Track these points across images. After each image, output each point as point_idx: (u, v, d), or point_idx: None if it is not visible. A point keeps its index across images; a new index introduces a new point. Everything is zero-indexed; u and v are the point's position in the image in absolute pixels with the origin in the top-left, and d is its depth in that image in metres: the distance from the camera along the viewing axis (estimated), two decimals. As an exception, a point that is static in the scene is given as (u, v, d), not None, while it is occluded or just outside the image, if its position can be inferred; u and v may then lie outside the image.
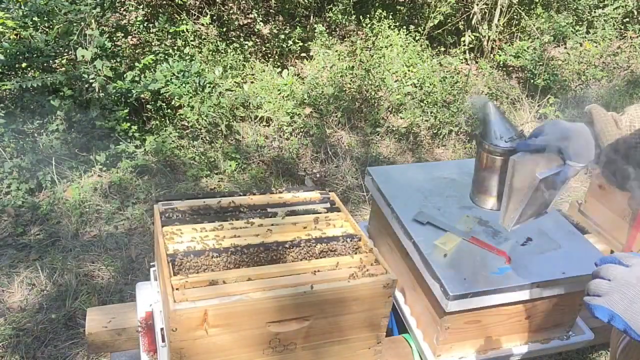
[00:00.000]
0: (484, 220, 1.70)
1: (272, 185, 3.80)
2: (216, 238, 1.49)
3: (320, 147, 4.21)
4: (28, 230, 3.21)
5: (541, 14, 5.99)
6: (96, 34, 3.77)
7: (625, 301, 0.87)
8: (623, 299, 0.88)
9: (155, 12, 4.97)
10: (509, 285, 1.47)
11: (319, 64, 5.04)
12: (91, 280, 2.91)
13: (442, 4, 5.64)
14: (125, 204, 3.46)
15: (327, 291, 1.35)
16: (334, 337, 1.44)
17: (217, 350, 1.32)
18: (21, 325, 2.62)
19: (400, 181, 1.90)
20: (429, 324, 1.59)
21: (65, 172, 3.56)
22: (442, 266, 1.50)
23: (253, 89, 4.48)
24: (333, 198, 1.77)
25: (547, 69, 5.34)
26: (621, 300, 0.88)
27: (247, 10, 5.59)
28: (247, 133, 4.19)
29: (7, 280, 2.87)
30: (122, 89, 3.82)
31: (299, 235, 1.54)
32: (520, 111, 5.04)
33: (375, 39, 5.40)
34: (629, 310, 0.87)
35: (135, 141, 3.82)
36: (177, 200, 1.67)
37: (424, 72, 5.06)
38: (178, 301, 1.25)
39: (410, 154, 4.36)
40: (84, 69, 3.74)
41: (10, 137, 3.48)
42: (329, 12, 5.79)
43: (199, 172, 3.79)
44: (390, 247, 1.83)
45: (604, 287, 0.90)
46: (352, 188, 3.88)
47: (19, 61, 3.74)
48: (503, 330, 1.61)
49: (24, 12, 3.73)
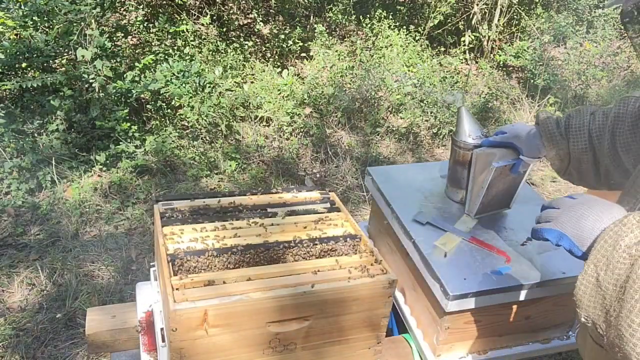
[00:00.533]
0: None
1: (272, 185, 3.80)
2: (216, 238, 1.49)
3: (320, 147, 4.21)
4: (28, 230, 3.21)
5: (541, 14, 5.99)
6: (96, 34, 3.77)
7: (572, 221, 0.99)
8: (570, 219, 0.99)
9: (155, 12, 4.97)
10: (509, 285, 1.47)
11: (319, 64, 5.05)
12: (91, 280, 2.91)
13: (442, 4, 5.64)
14: (125, 204, 3.46)
15: (327, 291, 1.35)
16: (334, 337, 1.44)
17: (217, 350, 1.32)
18: (21, 325, 2.62)
19: (400, 181, 1.90)
20: (429, 324, 1.59)
21: (65, 172, 3.56)
22: (442, 266, 1.50)
23: (253, 89, 4.48)
24: (333, 198, 1.77)
25: (547, 69, 5.34)
26: (568, 220, 0.99)
27: (247, 10, 5.59)
28: (247, 133, 4.19)
29: (7, 280, 2.87)
30: (122, 89, 3.82)
31: (299, 235, 1.54)
32: (520, 111, 5.04)
33: (375, 39, 5.40)
34: (575, 228, 0.98)
35: (135, 141, 3.82)
36: (177, 200, 1.67)
37: (424, 72, 5.06)
38: (178, 301, 1.25)
39: (410, 154, 4.37)
40: (84, 69, 3.74)
41: (10, 137, 3.48)
42: (329, 12, 5.80)
43: (199, 172, 3.79)
44: (390, 247, 1.83)
45: (553, 213, 1.03)
46: (352, 188, 3.88)
47: (19, 61, 3.74)
48: (503, 330, 1.61)
49: (24, 12, 3.73)
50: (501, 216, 1.76)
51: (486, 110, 4.98)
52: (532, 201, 1.85)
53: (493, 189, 1.65)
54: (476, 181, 1.66)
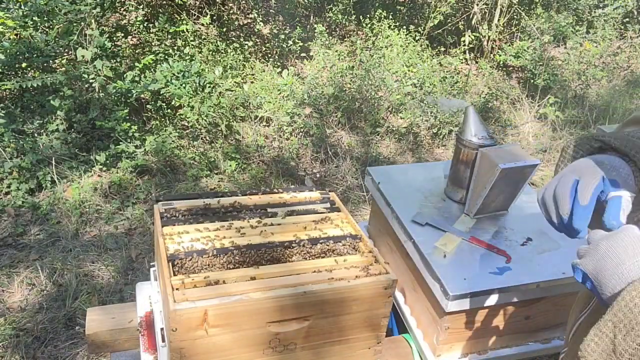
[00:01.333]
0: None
1: (272, 185, 3.80)
2: (216, 238, 1.49)
3: (320, 147, 4.21)
4: (28, 230, 3.21)
5: (541, 14, 5.99)
6: (96, 34, 3.77)
7: (594, 261, 0.86)
8: (593, 258, 0.86)
9: (155, 12, 4.97)
10: (509, 285, 1.47)
11: (319, 64, 5.05)
12: (91, 280, 2.91)
13: (442, 4, 5.64)
14: (125, 204, 3.46)
15: (327, 291, 1.35)
16: (334, 337, 1.44)
17: (217, 350, 1.32)
18: (21, 325, 2.62)
19: (400, 181, 1.90)
20: (429, 324, 1.59)
21: (65, 172, 3.56)
22: (442, 266, 1.50)
23: (253, 89, 4.48)
24: (333, 198, 1.77)
25: (547, 69, 5.34)
26: (591, 260, 0.87)
27: (247, 10, 5.59)
28: (247, 133, 4.19)
29: (7, 280, 2.87)
30: (122, 89, 3.82)
31: (299, 235, 1.54)
32: (520, 111, 5.04)
33: (375, 39, 5.40)
34: (596, 270, 0.85)
35: (135, 141, 3.82)
36: (177, 200, 1.67)
37: (424, 72, 5.06)
38: (178, 301, 1.25)
39: (410, 154, 4.36)
40: (84, 69, 3.74)
41: (10, 137, 3.48)
42: (329, 12, 5.80)
43: (199, 172, 3.79)
44: (390, 247, 1.83)
45: (583, 249, 0.90)
46: (352, 188, 3.88)
47: (19, 61, 3.75)
48: (503, 330, 1.61)
49: (24, 12, 3.73)
50: (501, 216, 1.77)
51: (486, 110, 4.98)
52: (532, 201, 1.85)
53: (495, 190, 1.65)
54: (479, 181, 1.66)
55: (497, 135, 4.70)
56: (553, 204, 0.97)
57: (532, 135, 4.73)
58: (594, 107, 5.17)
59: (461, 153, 1.75)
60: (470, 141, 1.70)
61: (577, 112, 5.10)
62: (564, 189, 0.95)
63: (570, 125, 4.90)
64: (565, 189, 0.95)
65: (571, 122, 4.94)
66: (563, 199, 0.95)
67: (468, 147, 1.71)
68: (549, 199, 0.98)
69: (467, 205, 1.73)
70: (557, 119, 4.84)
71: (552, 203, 0.97)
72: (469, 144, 1.71)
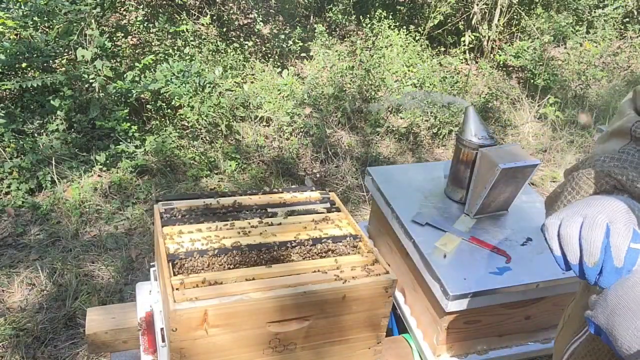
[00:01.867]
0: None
1: (272, 185, 3.80)
2: (216, 238, 1.49)
3: (320, 147, 4.21)
4: (28, 230, 3.21)
5: (541, 14, 5.99)
6: (96, 34, 3.77)
7: (605, 314, 0.78)
8: (604, 311, 0.78)
9: (155, 12, 4.97)
10: (509, 285, 1.47)
11: (319, 64, 5.05)
12: (91, 280, 2.91)
13: (442, 4, 5.64)
14: (125, 204, 3.46)
15: (327, 291, 1.35)
16: (334, 337, 1.44)
17: (217, 350, 1.32)
18: (21, 325, 2.62)
19: (400, 181, 1.90)
20: (429, 324, 1.59)
21: (65, 172, 3.56)
22: (442, 266, 1.50)
23: (253, 89, 4.48)
24: (333, 198, 1.77)
25: (547, 69, 5.34)
26: (602, 312, 0.78)
27: (247, 10, 5.59)
28: (247, 133, 4.19)
29: (7, 280, 2.87)
30: (122, 89, 3.82)
31: (299, 235, 1.54)
32: (520, 111, 5.04)
33: (375, 39, 5.40)
34: (609, 324, 0.77)
35: (135, 141, 3.82)
36: (177, 200, 1.67)
37: (424, 72, 5.06)
38: (178, 301, 1.25)
39: (410, 154, 4.36)
40: (84, 69, 3.74)
41: (10, 137, 3.48)
42: (329, 12, 5.80)
43: (199, 172, 3.79)
44: (390, 247, 1.83)
45: (593, 298, 0.81)
46: (352, 188, 3.88)
47: (19, 61, 3.74)
48: (503, 330, 1.61)
49: (24, 12, 3.73)
50: (501, 216, 1.77)
51: (486, 110, 4.98)
52: (532, 201, 1.85)
53: (495, 190, 1.65)
54: (479, 181, 1.66)
55: (497, 135, 4.69)
56: (576, 246, 0.83)
57: (532, 135, 4.73)
58: (594, 107, 5.17)
59: (461, 153, 1.75)
60: (470, 141, 1.70)
61: (577, 112, 5.10)
62: (594, 235, 0.80)
63: (570, 125, 4.90)
64: (596, 235, 0.80)
65: (571, 122, 4.94)
66: (593, 248, 0.81)
67: (468, 147, 1.71)
68: (569, 237, 0.83)
69: (467, 205, 1.73)
70: (557, 119, 4.84)
71: (574, 243, 0.83)
72: (469, 144, 1.71)
